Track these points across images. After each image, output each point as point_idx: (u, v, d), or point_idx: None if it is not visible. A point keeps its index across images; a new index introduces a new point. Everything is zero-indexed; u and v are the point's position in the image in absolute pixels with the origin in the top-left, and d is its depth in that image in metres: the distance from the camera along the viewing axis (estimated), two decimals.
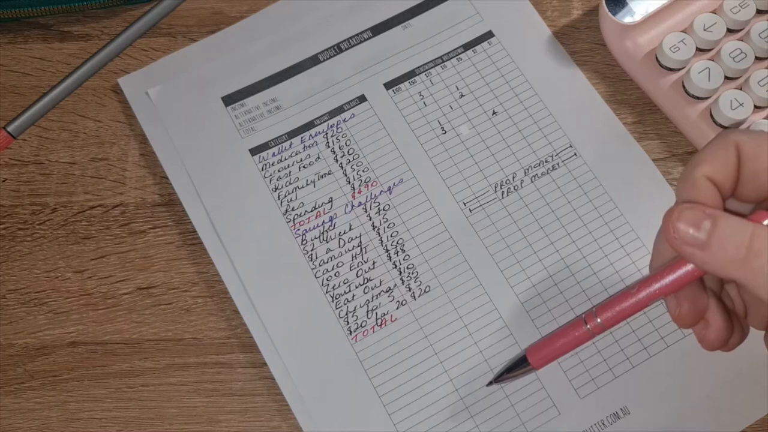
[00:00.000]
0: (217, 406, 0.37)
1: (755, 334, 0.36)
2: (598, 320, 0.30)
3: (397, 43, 0.43)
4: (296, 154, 0.41)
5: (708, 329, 0.30)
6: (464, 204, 0.39)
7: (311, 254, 0.39)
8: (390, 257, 0.39)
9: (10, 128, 0.42)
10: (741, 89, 0.39)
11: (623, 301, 0.30)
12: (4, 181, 0.42)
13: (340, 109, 0.42)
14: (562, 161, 0.40)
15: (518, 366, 0.33)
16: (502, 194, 0.40)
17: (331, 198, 0.40)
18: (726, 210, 0.27)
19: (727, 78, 0.40)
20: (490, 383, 0.36)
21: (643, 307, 0.29)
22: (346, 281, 0.38)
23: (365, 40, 0.43)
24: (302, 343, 0.37)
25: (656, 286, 0.29)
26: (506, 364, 0.34)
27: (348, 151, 0.41)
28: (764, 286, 0.24)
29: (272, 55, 0.43)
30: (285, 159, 0.41)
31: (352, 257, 0.39)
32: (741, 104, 0.39)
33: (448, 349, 0.37)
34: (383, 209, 0.40)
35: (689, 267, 0.28)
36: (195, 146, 0.41)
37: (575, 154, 0.40)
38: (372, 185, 0.40)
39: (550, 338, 0.32)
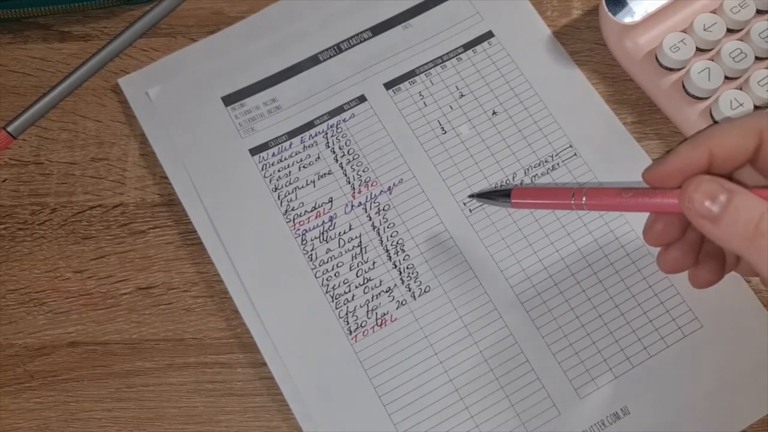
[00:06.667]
0: (217, 406, 0.37)
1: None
2: (583, 200, 0.32)
3: (397, 43, 0.43)
4: (296, 154, 0.41)
5: (667, 251, 0.32)
6: (464, 204, 0.39)
7: (311, 254, 0.39)
8: (390, 257, 0.39)
9: (10, 128, 0.42)
10: (741, 89, 0.39)
11: (612, 197, 0.31)
12: (4, 181, 0.42)
13: (340, 109, 0.42)
14: (562, 161, 0.40)
15: (500, 195, 0.36)
16: None
17: (331, 198, 0.40)
18: (735, 182, 0.28)
19: (727, 78, 0.40)
20: (471, 196, 0.39)
21: (626, 210, 0.31)
22: (346, 281, 0.38)
23: (365, 40, 0.43)
24: (302, 343, 0.37)
25: (647, 200, 0.30)
26: (493, 188, 0.39)
27: (348, 151, 0.41)
28: (765, 265, 0.26)
29: (272, 55, 0.43)
30: (285, 159, 0.41)
31: (352, 257, 0.39)
32: (741, 104, 0.39)
33: (448, 349, 0.37)
34: (383, 209, 0.40)
35: None
36: (195, 146, 0.41)
37: (575, 154, 0.40)
38: (372, 185, 0.40)
39: (538, 190, 0.35)
